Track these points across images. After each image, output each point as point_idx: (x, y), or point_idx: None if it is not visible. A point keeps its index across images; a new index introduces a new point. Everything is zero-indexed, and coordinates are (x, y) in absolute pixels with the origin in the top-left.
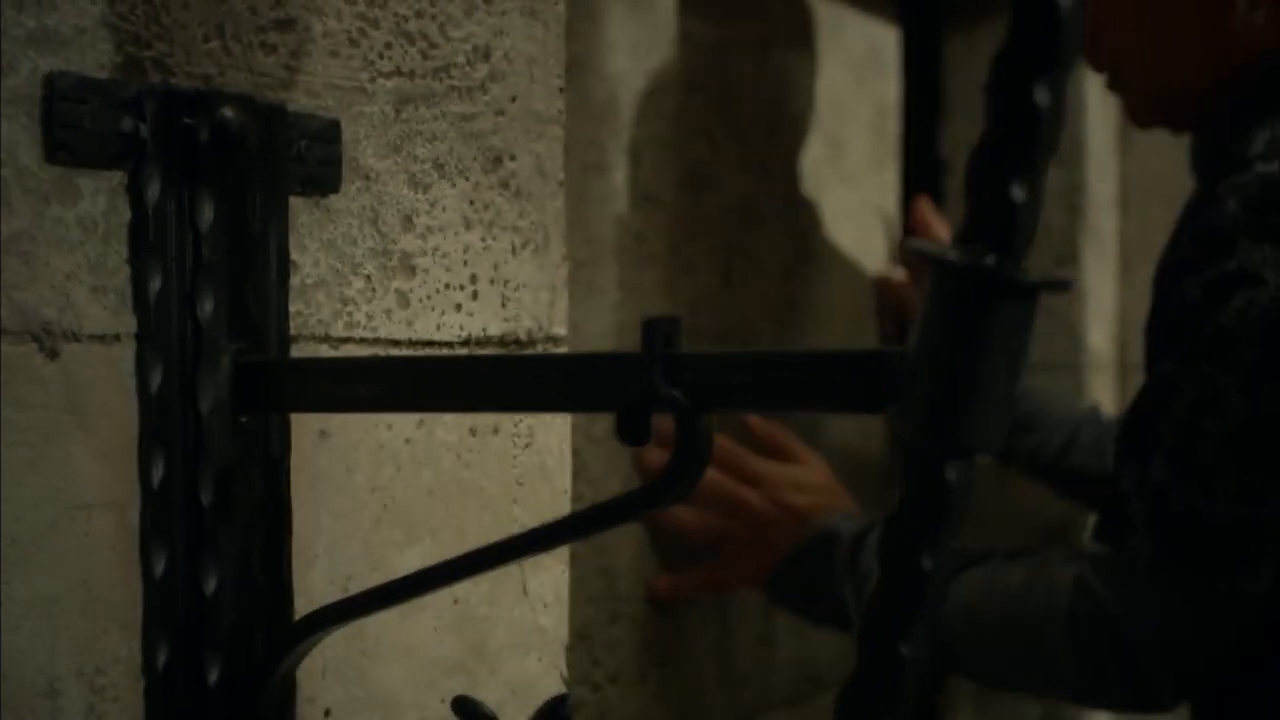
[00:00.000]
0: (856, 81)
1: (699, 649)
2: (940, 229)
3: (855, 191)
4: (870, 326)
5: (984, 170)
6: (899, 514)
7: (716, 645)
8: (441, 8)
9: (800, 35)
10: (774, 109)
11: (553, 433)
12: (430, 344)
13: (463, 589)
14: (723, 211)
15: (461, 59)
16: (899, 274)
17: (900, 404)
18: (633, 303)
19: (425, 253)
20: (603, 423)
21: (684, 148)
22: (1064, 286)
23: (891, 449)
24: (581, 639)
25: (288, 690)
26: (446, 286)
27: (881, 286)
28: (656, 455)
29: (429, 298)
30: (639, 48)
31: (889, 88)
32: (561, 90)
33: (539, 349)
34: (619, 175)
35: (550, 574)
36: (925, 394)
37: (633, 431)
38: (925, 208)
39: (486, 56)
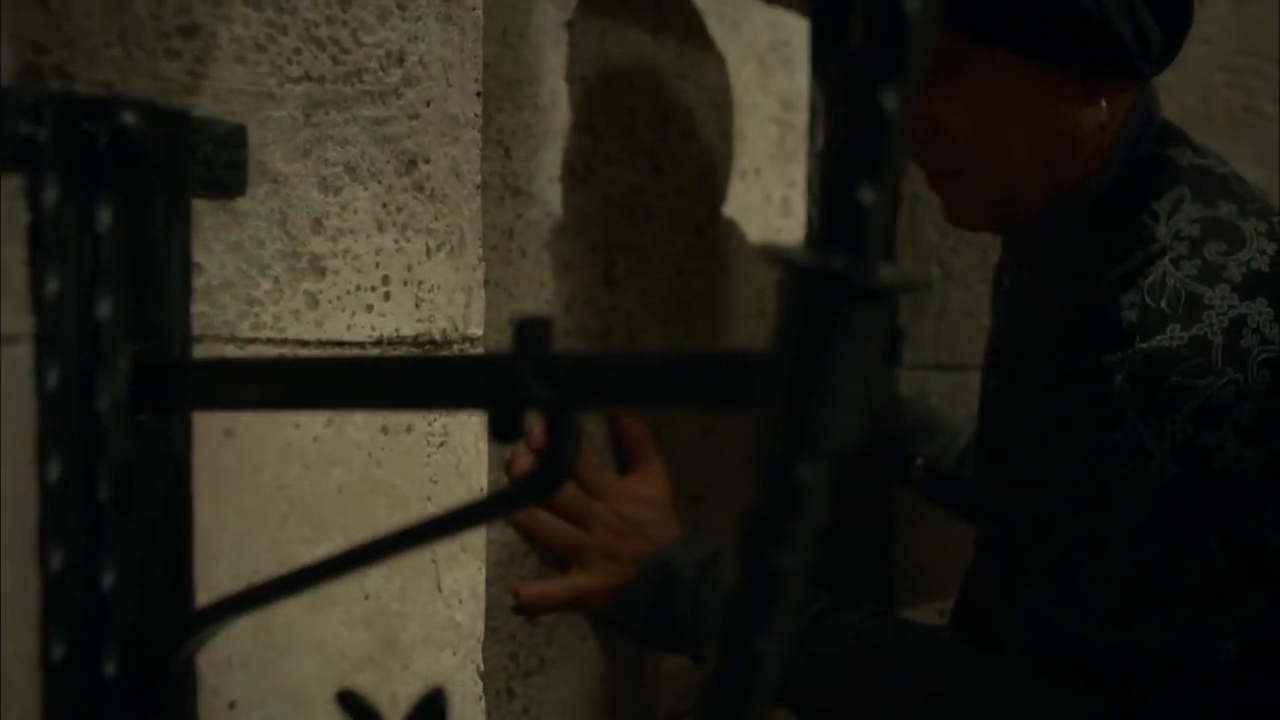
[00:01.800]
0: (760, 73)
1: (618, 641)
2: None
3: (757, 186)
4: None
5: (833, 174)
6: (754, 512)
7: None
8: (354, 14)
9: (695, 24)
10: (665, 100)
11: (468, 431)
12: (340, 344)
13: (374, 585)
14: (605, 206)
15: (374, 64)
16: None
17: (757, 404)
18: (499, 301)
19: (336, 254)
20: None
21: (560, 139)
22: (915, 287)
23: None
24: (493, 633)
25: (188, 681)
26: (357, 288)
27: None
28: (524, 460)
29: (339, 299)
30: (508, 32)
31: (796, 80)
32: (479, 95)
33: (455, 350)
34: (484, 168)
35: (465, 571)
36: (779, 395)
37: (504, 430)
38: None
39: (400, 61)
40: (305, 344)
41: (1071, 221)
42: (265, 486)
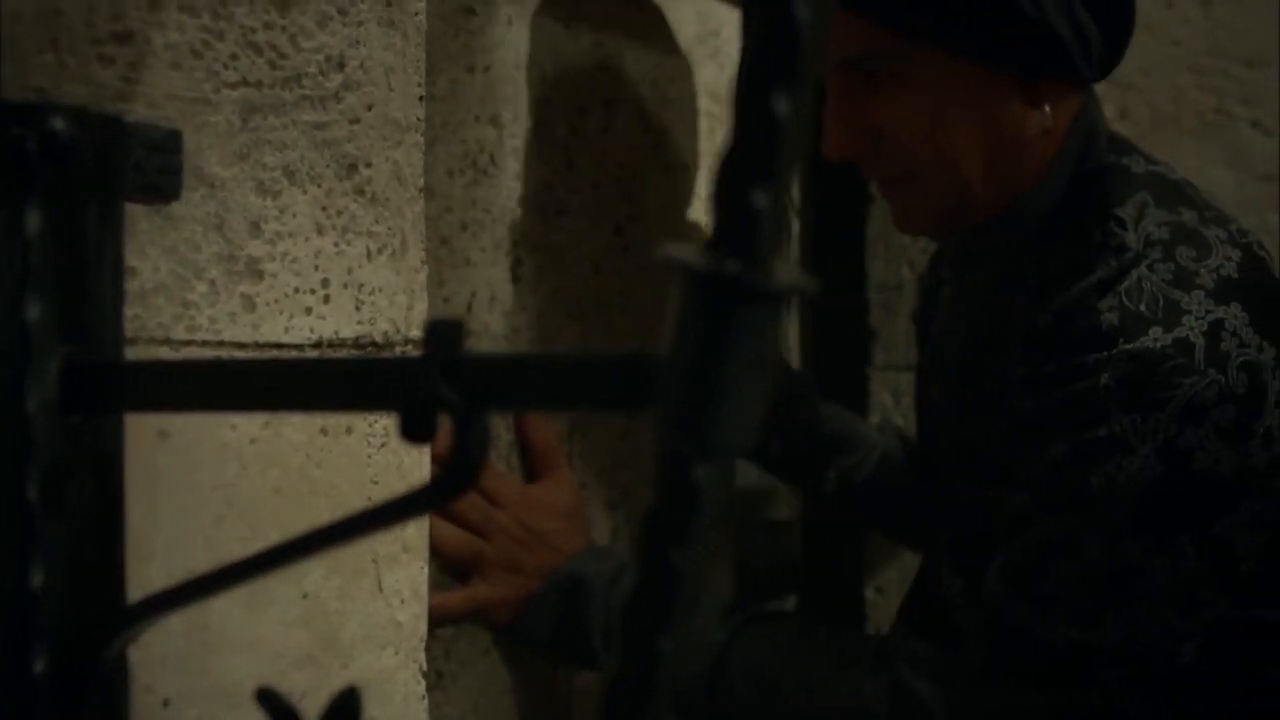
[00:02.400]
0: (686, 64)
1: (524, 654)
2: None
3: (684, 182)
4: None
5: (727, 178)
6: (653, 512)
7: None
8: (293, 19)
9: (614, 14)
10: (581, 93)
11: None
12: (278, 346)
13: (313, 585)
14: (512, 202)
15: (314, 69)
16: None
17: (655, 406)
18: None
19: (274, 258)
20: None
21: (459, 131)
22: (809, 291)
23: None
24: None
25: (119, 678)
26: (296, 290)
27: None
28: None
29: (276, 301)
30: None
31: (726, 72)
32: (422, 99)
33: (397, 351)
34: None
35: (407, 571)
36: (675, 396)
37: (414, 431)
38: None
39: (341, 66)
40: (243, 346)
41: (1025, 229)
42: (200, 487)
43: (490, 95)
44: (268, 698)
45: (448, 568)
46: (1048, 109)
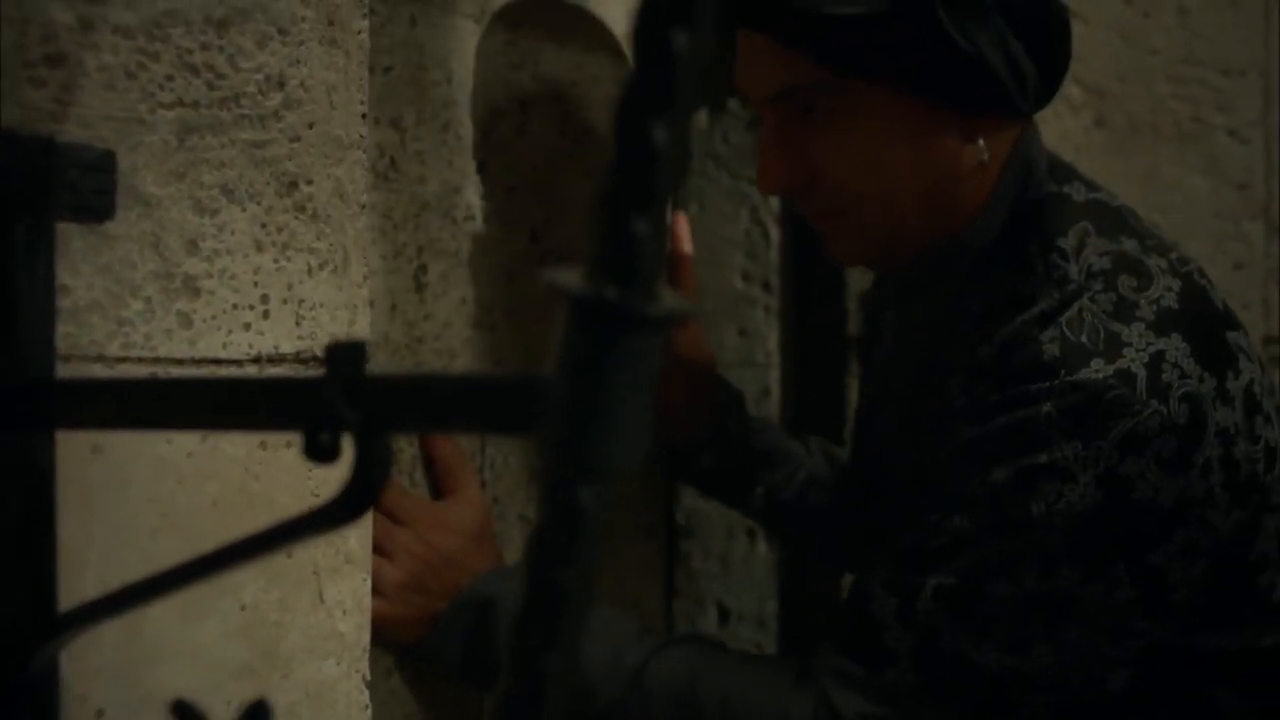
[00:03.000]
0: (614, 64)
1: (428, 675)
2: (688, 244)
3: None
4: None
5: (607, 205)
6: (538, 532)
7: None
8: (231, 40)
9: (531, 12)
10: (493, 94)
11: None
12: (216, 362)
13: (252, 597)
14: (415, 207)
15: (253, 88)
16: None
17: (541, 428)
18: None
19: (211, 275)
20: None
21: None
22: (689, 316)
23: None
24: None
25: (50, 687)
26: (234, 306)
27: None
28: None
29: (214, 318)
30: None
31: None
32: (365, 116)
33: None
34: None
35: (350, 582)
36: (559, 419)
37: (317, 451)
38: (681, 220)
39: (281, 85)
40: (179, 362)
41: (966, 261)
42: (135, 501)
43: (391, 97)
44: (182, 708)
45: None
46: (983, 143)
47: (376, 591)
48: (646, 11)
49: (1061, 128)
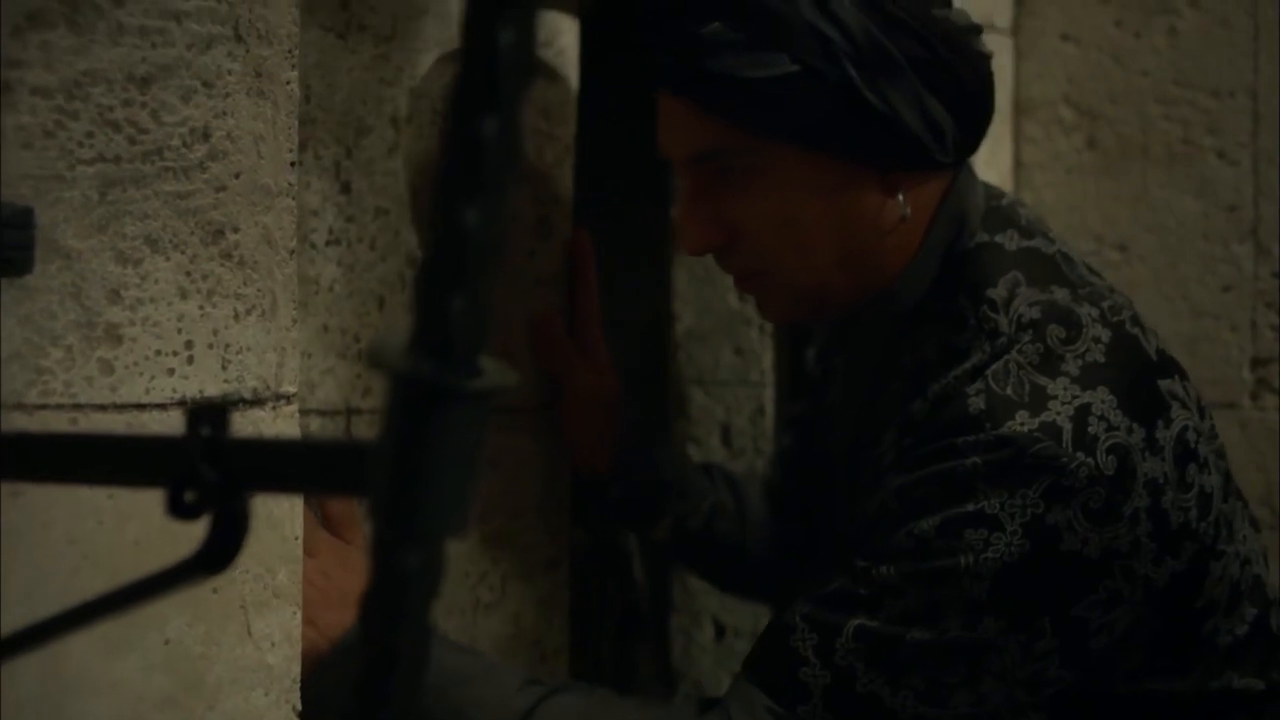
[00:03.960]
0: None
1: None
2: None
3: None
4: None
5: (424, 284)
6: (368, 595)
7: None
8: (154, 95)
9: (404, 24)
10: (361, 110)
11: None
12: (139, 407)
13: (176, 631)
14: None
15: (176, 141)
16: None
17: (369, 492)
18: None
19: (134, 323)
20: None
21: None
22: (506, 390)
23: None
24: None
25: None
26: (157, 353)
27: (537, 324)
28: None
29: (136, 364)
30: None
31: (560, 86)
32: (294, 164)
33: (268, 407)
34: None
35: (278, 616)
36: (382, 487)
37: (180, 509)
38: (586, 242)
39: (206, 137)
40: (102, 408)
41: (897, 315)
42: (55, 542)
43: None
44: None
45: None
46: (903, 198)
47: None
48: (457, 104)
49: (1054, 149)
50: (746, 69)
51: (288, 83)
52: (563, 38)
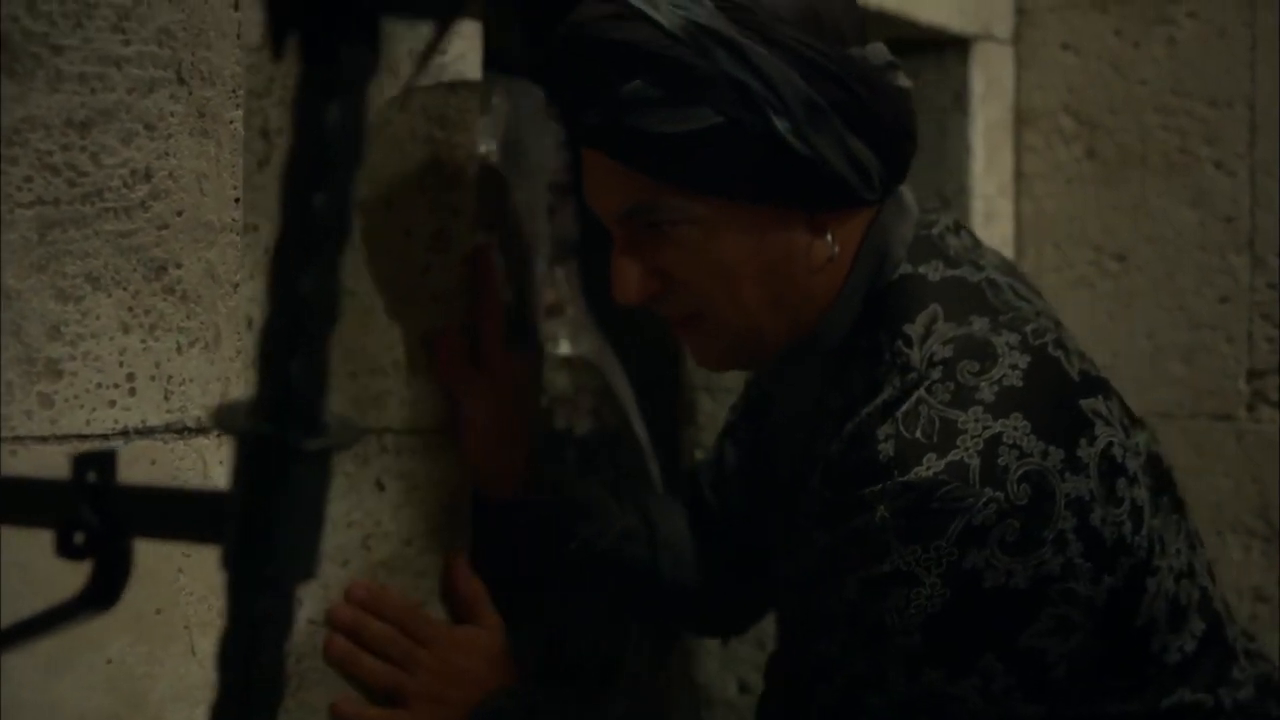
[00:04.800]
0: (392, 84)
1: None
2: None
3: (398, 218)
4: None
5: (263, 349)
6: (223, 638)
7: None
8: (94, 139)
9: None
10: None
11: None
12: (81, 438)
13: (117, 651)
14: None
15: (117, 182)
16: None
17: (224, 540)
18: None
19: (75, 357)
20: None
21: None
22: (344, 448)
23: None
24: None
25: None
26: (98, 386)
27: (435, 341)
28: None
29: (76, 397)
30: None
31: (459, 92)
32: (238, 201)
33: (213, 435)
34: None
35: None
36: (234, 537)
37: (67, 550)
38: (488, 255)
39: (148, 177)
40: (42, 439)
41: (824, 353)
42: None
43: None
44: None
45: (368, 693)
46: (830, 237)
47: (400, 702)
48: (290, 179)
49: (1054, 159)
50: (669, 124)
51: (231, 122)
52: (462, 43)
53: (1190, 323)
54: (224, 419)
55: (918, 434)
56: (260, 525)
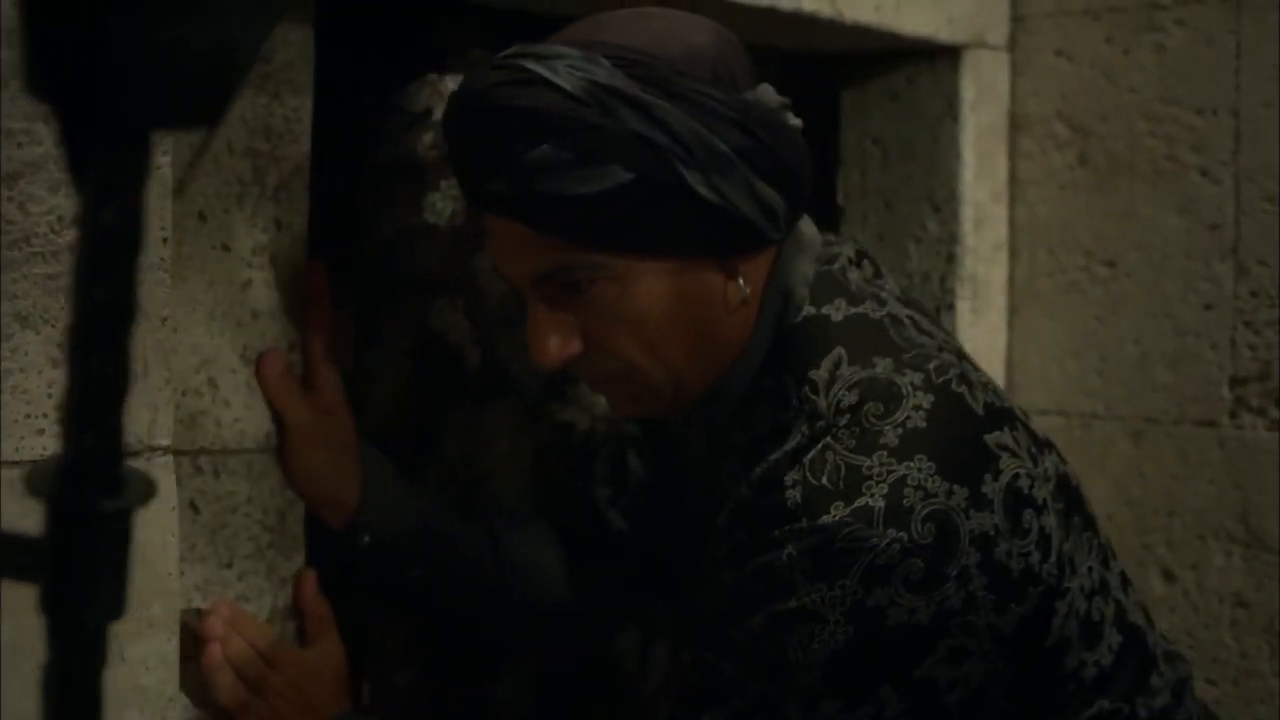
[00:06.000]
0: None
1: None
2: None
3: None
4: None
5: (66, 418)
6: (45, 678)
7: None
8: (21, 189)
9: None
10: None
11: (153, 528)
12: (15, 464)
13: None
14: None
15: (44, 229)
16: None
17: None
18: None
19: (4, 391)
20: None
21: None
22: (144, 502)
23: None
24: None
25: None
26: (27, 416)
27: (260, 360)
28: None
29: (4, 428)
30: None
31: (287, 102)
32: (166, 241)
33: (143, 458)
34: None
35: (153, 643)
36: (47, 581)
37: None
38: (318, 273)
39: (75, 223)
40: None
41: (731, 399)
42: None
43: None
44: None
45: (218, 713)
46: (742, 280)
47: None
48: (76, 273)
49: (1048, 165)
50: (580, 186)
51: (159, 167)
52: (290, 50)
53: (1176, 329)
54: (34, 482)
55: (824, 480)
56: (68, 574)
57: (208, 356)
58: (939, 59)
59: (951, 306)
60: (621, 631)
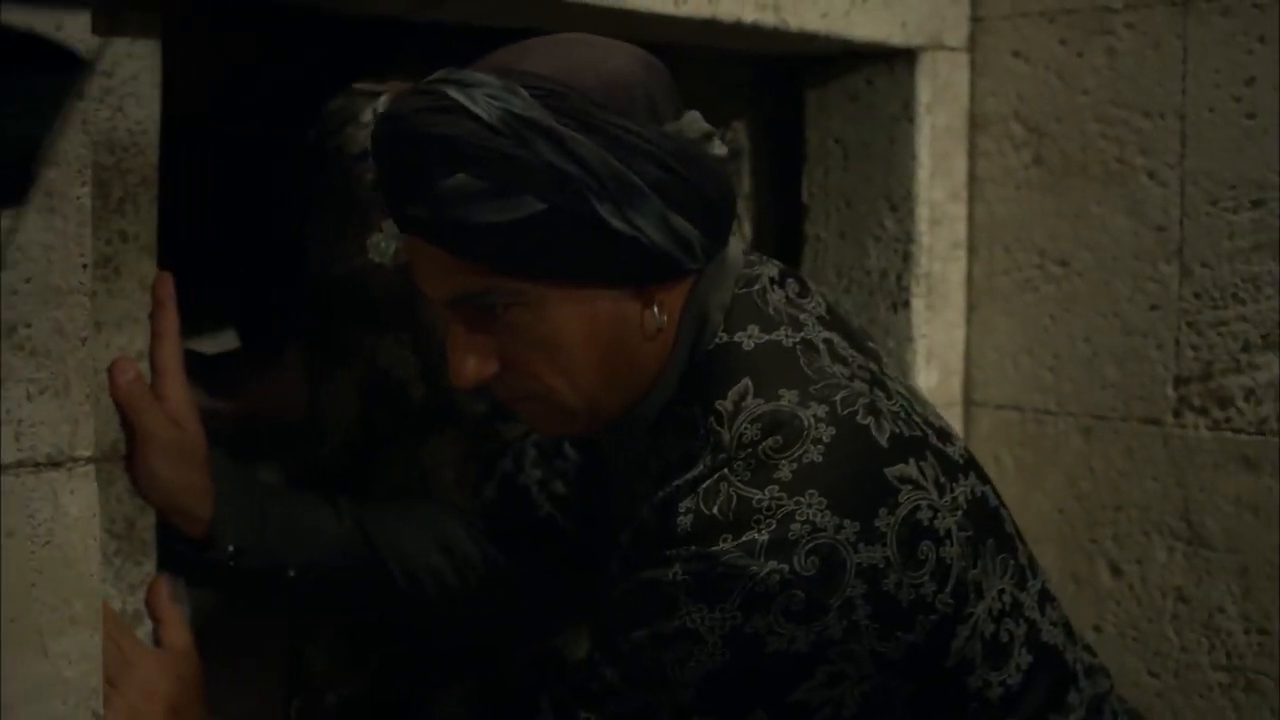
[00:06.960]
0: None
1: None
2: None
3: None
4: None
5: None
6: None
7: None
8: None
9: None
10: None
11: (75, 531)
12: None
13: None
14: None
15: None
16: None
17: None
18: None
19: None
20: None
21: None
22: None
23: None
24: None
25: None
26: None
27: (110, 370)
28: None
29: None
30: None
31: (130, 114)
32: (86, 266)
33: (65, 468)
34: None
35: (76, 639)
36: None
37: None
38: (165, 284)
39: None
40: None
41: (645, 424)
42: None
43: None
44: None
45: None
46: (658, 308)
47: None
48: None
49: (1005, 165)
50: (494, 214)
51: (78, 198)
52: (135, 63)
53: (1124, 329)
54: None
55: (715, 511)
56: None
57: (52, 368)
58: (896, 61)
59: (907, 304)
60: (571, 628)
